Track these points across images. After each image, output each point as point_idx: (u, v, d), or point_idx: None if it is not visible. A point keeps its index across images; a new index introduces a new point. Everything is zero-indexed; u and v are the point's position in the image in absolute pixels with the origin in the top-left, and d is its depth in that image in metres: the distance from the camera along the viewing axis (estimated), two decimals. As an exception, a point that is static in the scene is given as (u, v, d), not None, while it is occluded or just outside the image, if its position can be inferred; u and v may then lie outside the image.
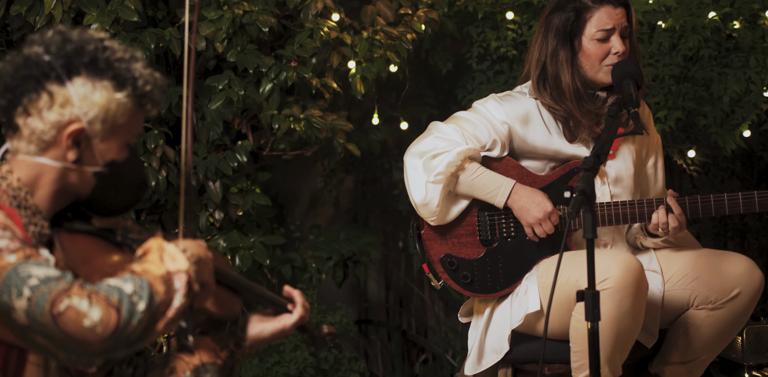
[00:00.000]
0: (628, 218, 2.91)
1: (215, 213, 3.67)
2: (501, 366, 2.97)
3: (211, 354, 2.06)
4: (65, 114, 1.85)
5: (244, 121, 3.70)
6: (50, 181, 1.89)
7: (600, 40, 2.89)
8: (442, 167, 2.85)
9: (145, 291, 1.70)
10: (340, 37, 3.67)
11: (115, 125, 1.89)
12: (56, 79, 1.85)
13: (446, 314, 4.43)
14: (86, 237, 1.94)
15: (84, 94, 1.85)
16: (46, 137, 1.86)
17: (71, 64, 1.86)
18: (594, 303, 2.30)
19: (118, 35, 3.40)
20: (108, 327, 1.65)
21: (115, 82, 1.87)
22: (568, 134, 2.95)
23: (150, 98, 1.92)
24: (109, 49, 1.89)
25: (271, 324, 2.12)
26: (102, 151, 1.90)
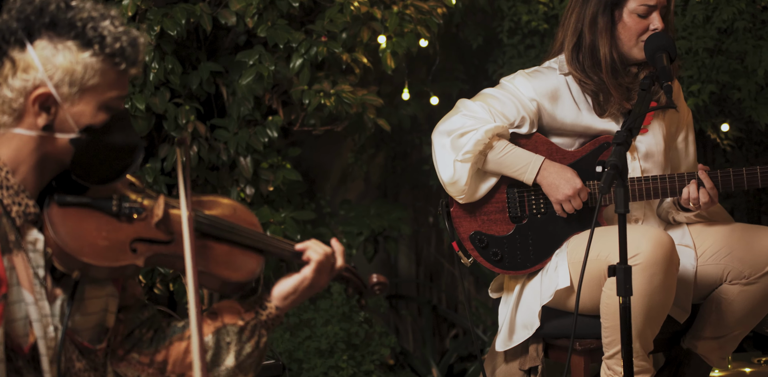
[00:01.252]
0: (659, 193, 2.89)
1: (246, 189, 3.69)
2: (532, 341, 2.97)
3: (233, 316, 2.01)
4: (29, 79, 1.78)
5: (275, 97, 3.70)
6: (29, 152, 1.82)
7: (640, 16, 2.86)
8: (470, 145, 2.83)
9: None
10: (370, 12, 3.65)
11: (85, 87, 1.80)
12: (17, 43, 1.79)
13: (477, 289, 4.44)
14: (80, 209, 1.87)
15: (46, 57, 1.78)
16: (15, 105, 1.80)
17: (31, 26, 1.79)
18: (626, 277, 2.29)
19: (150, 10, 3.40)
20: None
21: (79, 42, 1.79)
22: (597, 108, 2.93)
23: (122, 56, 1.81)
24: (73, 9, 1.80)
25: (292, 277, 2.03)
26: (74, 115, 1.82)
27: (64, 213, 1.86)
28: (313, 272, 2.02)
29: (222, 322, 2.00)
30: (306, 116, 3.73)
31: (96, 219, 1.88)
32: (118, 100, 1.86)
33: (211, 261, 1.97)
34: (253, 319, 2.01)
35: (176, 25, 3.38)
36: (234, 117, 3.62)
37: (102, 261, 1.83)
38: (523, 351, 3.00)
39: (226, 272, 1.96)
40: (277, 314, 2.03)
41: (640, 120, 2.48)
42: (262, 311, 2.02)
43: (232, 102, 3.64)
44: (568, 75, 2.95)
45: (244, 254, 2.01)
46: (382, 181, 4.45)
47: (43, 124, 1.81)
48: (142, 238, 1.90)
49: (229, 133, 3.61)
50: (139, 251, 1.88)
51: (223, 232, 2.00)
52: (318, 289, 2.06)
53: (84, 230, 1.85)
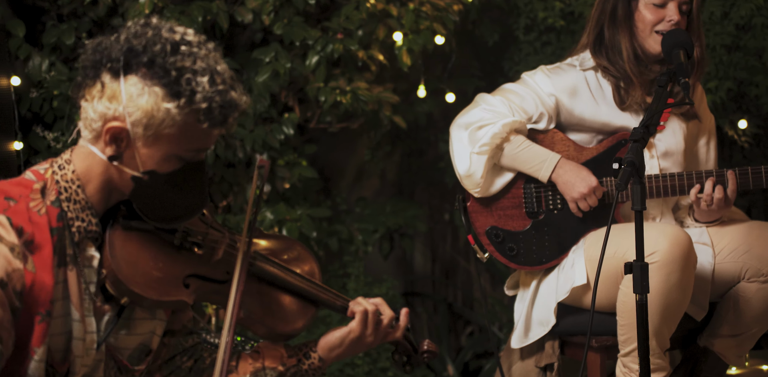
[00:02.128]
0: (677, 190, 2.88)
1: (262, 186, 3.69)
2: (548, 338, 2.97)
3: (276, 360, 1.99)
4: (111, 108, 1.77)
5: (291, 94, 3.71)
6: (98, 173, 1.83)
7: (656, 6, 2.86)
8: (487, 138, 2.84)
9: None
10: (386, 9, 3.65)
11: (160, 134, 1.77)
12: (111, 70, 1.77)
13: (492, 286, 4.43)
14: (142, 236, 1.86)
15: (131, 94, 1.76)
16: (94, 125, 1.80)
17: (132, 59, 1.76)
18: (642, 275, 2.28)
19: (166, 8, 3.41)
20: None
21: (167, 90, 1.75)
22: (617, 98, 2.92)
23: (207, 116, 1.76)
24: (177, 54, 1.76)
25: (340, 329, 2.03)
26: (143, 156, 1.79)
27: (126, 237, 1.85)
28: (359, 325, 2.02)
29: (262, 364, 1.99)
30: (322, 113, 3.74)
31: (155, 249, 1.86)
32: (195, 152, 1.82)
33: (263, 308, 1.95)
34: (294, 367, 2.00)
35: (193, 22, 3.39)
36: (250, 114, 3.63)
37: (151, 293, 1.82)
38: (539, 349, 3.00)
39: (275, 322, 1.96)
40: (320, 366, 2.02)
41: (657, 117, 2.47)
42: (305, 360, 2.01)
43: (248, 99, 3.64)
44: (588, 71, 2.95)
45: (297, 304, 2.00)
46: (397, 178, 4.45)
47: (110, 154, 1.80)
48: (198, 275, 1.88)
49: (245, 130, 3.62)
50: (191, 287, 1.87)
51: (281, 279, 1.98)
52: (366, 346, 2.04)
53: (141, 258, 1.84)
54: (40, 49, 3.46)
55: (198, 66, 1.76)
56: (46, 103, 3.42)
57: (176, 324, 2.02)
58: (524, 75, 2.98)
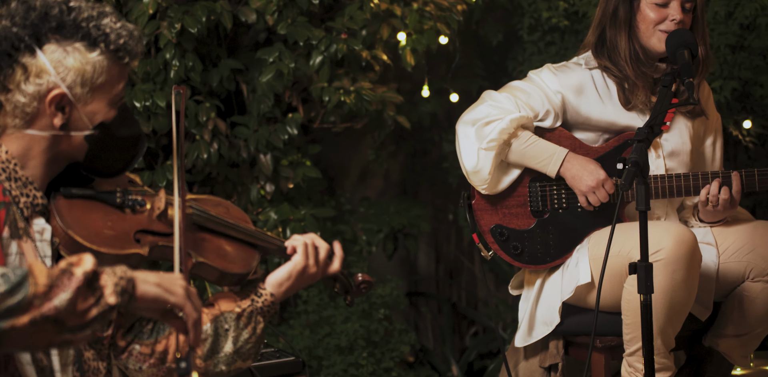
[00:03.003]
0: (683, 191, 2.87)
1: (266, 186, 3.70)
2: (552, 338, 2.97)
3: (230, 304, 2.07)
4: (42, 83, 1.83)
5: (295, 94, 3.71)
6: (41, 151, 1.88)
7: (658, 5, 2.85)
8: (495, 134, 2.84)
9: (17, 278, 1.54)
10: (390, 9, 3.65)
11: (96, 85, 1.87)
12: (26, 49, 1.83)
13: (496, 286, 4.43)
14: (85, 201, 1.94)
15: (57, 60, 1.83)
16: (28, 109, 1.85)
17: (38, 32, 1.83)
18: (647, 275, 2.28)
19: (170, 8, 3.41)
20: None
21: (86, 42, 1.84)
22: (622, 98, 2.92)
23: (126, 50, 1.88)
24: (74, 10, 1.86)
25: (285, 264, 2.11)
26: (89, 113, 1.88)
27: (70, 204, 1.92)
28: (302, 257, 2.11)
29: (219, 310, 2.06)
30: (326, 113, 3.74)
31: (101, 211, 1.95)
32: (122, 92, 1.92)
33: (210, 253, 2.04)
34: (249, 306, 2.08)
35: (197, 22, 3.39)
36: (254, 114, 3.63)
37: (109, 248, 1.89)
38: (543, 348, 3.00)
39: (223, 263, 2.03)
40: (273, 301, 2.09)
41: (661, 117, 2.47)
42: (258, 298, 2.09)
43: (252, 99, 3.64)
44: (594, 69, 2.95)
45: (240, 248, 2.09)
46: (401, 178, 4.45)
47: (60, 123, 1.86)
48: (145, 230, 1.97)
49: (249, 130, 3.62)
50: (142, 241, 1.95)
51: (219, 226, 2.07)
52: (311, 279, 2.14)
53: (90, 220, 1.92)
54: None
55: (94, 12, 1.87)
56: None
57: None
58: (531, 73, 2.99)
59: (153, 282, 1.68)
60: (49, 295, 1.55)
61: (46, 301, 1.54)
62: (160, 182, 3.46)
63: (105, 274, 1.63)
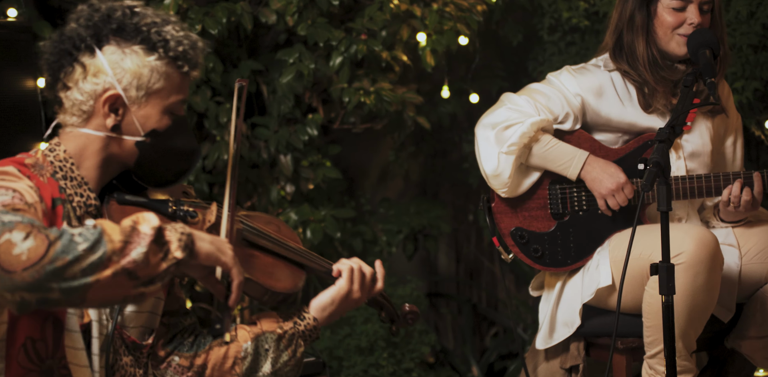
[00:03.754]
0: (704, 192, 2.86)
1: (286, 187, 3.70)
2: (573, 340, 2.96)
3: (272, 324, 2.07)
4: (99, 83, 1.87)
5: (315, 95, 3.72)
6: (95, 151, 1.91)
7: (675, 9, 2.84)
8: (516, 138, 2.83)
9: (93, 236, 1.61)
10: (409, 10, 3.65)
11: (151, 90, 1.89)
12: (87, 49, 1.88)
13: (517, 287, 4.42)
14: (137, 208, 1.95)
15: (115, 61, 1.87)
16: (85, 107, 1.89)
17: (99, 33, 1.88)
18: (668, 276, 2.27)
19: (191, 9, 3.43)
20: (33, 256, 1.57)
21: (144, 46, 1.88)
22: (642, 101, 2.91)
23: (185, 59, 1.91)
24: (137, 15, 1.90)
25: (329, 289, 2.11)
26: (141, 118, 1.91)
27: (122, 210, 1.93)
28: (347, 281, 2.10)
29: (261, 329, 2.06)
30: (346, 114, 3.74)
31: None
32: (180, 104, 1.94)
33: (257, 270, 2.02)
34: (291, 329, 2.08)
35: (217, 23, 3.40)
36: (274, 115, 3.64)
37: None
38: (564, 350, 2.99)
39: (269, 281, 2.02)
40: (315, 325, 2.09)
41: (682, 117, 2.46)
42: (300, 321, 2.09)
43: (272, 100, 3.65)
44: (613, 71, 2.94)
45: (288, 267, 2.08)
46: (421, 178, 4.45)
47: (112, 124, 1.90)
48: None
49: (269, 131, 3.63)
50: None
51: (268, 243, 2.06)
52: (355, 303, 2.13)
53: None
54: (66, 51, 3.48)
55: (158, 19, 1.91)
56: (72, 104, 3.45)
57: (173, 305, 2.09)
58: (549, 75, 2.98)
59: (208, 240, 1.75)
60: (126, 250, 1.62)
61: (123, 256, 1.62)
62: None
63: (168, 230, 1.69)
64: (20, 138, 3.14)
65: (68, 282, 1.59)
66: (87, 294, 1.60)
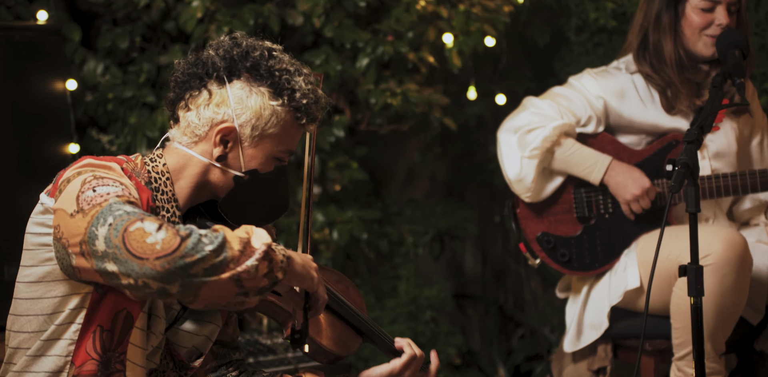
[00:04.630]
0: (730, 190, 2.84)
1: (313, 188, 3.71)
2: (601, 342, 2.95)
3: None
4: (220, 112, 1.91)
5: (341, 96, 3.72)
6: (194, 173, 1.94)
7: (704, 10, 2.83)
8: (538, 142, 2.82)
9: (218, 240, 1.68)
10: (436, 11, 3.65)
11: (265, 133, 1.92)
12: (217, 79, 1.91)
13: (544, 288, 4.41)
14: None
15: (240, 97, 1.91)
16: (198, 131, 1.92)
17: (234, 66, 1.92)
18: (697, 278, 2.26)
19: (218, 11, 3.44)
20: (167, 247, 1.64)
21: (272, 90, 1.91)
22: (665, 104, 2.90)
23: (305, 112, 1.94)
24: (274, 59, 1.93)
25: (382, 365, 2.12)
26: (247, 156, 1.93)
27: None
28: (403, 365, 2.11)
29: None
30: (372, 115, 3.75)
31: None
32: (287, 153, 1.97)
33: (315, 326, 2.02)
34: None
35: (244, 25, 3.42)
36: (301, 116, 3.65)
37: None
38: (591, 352, 2.98)
39: (325, 340, 2.03)
40: None
41: (711, 117, 2.45)
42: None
43: (299, 102, 3.66)
44: (635, 73, 2.93)
45: (347, 331, 2.08)
46: (448, 180, 4.45)
47: (218, 155, 1.93)
48: None
49: (296, 132, 3.64)
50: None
51: (335, 304, 2.05)
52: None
53: None
54: (95, 53, 3.51)
55: (291, 68, 1.94)
56: (101, 106, 3.48)
57: (226, 336, 2.11)
58: (571, 79, 2.97)
59: (300, 264, 1.82)
60: (240, 260, 1.69)
61: (238, 265, 1.69)
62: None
63: (272, 252, 1.75)
64: (49, 139, 3.17)
65: (191, 278, 1.65)
66: (200, 292, 1.67)
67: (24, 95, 3.09)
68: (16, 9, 3.37)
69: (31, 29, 3.13)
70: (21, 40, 3.05)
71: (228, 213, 1.98)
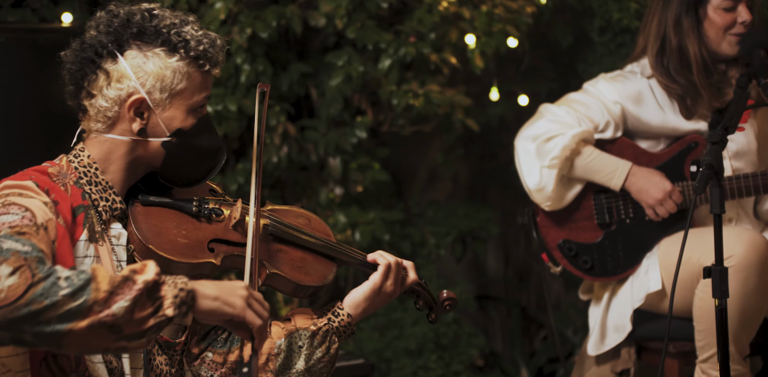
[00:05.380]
0: (752, 190, 2.82)
1: (335, 189, 3.72)
2: (624, 344, 2.94)
3: (306, 321, 2.06)
4: (123, 88, 1.88)
5: (364, 97, 3.73)
6: (120, 155, 1.92)
7: (726, 10, 2.81)
8: (557, 151, 2.81)
9: (80, 282, 1.57)
10: (458, 12, 3.65)
11: (174, 91, 1.89)
12: (109, 55, 1.88)
13: (566, 290, 4.39)
14: (162, 209, 1.95)
15: (137, 65, 1.87)
16: (110, 113, 1.89)
17: (120, 38, 1.88)
18: (722, 280, 2.25)
19: (241, 13, 3.46)
20: (11, 295, 1.54)
21: (165, 48, 1.88)
22: (684, 111, 2.88)
23: (206, 57, 1.91)
24: (156, 17, 1.90)
25: (363, 285, 2.09)
26: (166, 119, 1.91)
27: (147, 211, 1.94)
28: (381, 277, 2.08)
29: (295, 326, 2.06)
30: (394, 117, 3.75)
31: (177, 219, 1.96)
32: (203, 101, 1.94)
33: (285, 265, 2.02)
34: (325, 325, 2.06)
35: (267, 27, 3.42)
36: (323, 118, 3.65)
37: (181, 257, 1.90)
38: (615, 354, 2.97)
39: (299, 276, 2.02)
40: (349, 321, 2.07)
41: (736, 118, 2.43)
42: (335, 318, 2.07)
43: (321, 103, 3.67)
44: (651, 78, 2.91)
45: (317, 260, 2.07)
46: (470, 181, 4.44)
47: (138, 128, 1.90)
48: (220, 239, 1.97)
49: (318, 133, 3.64)
50: (216, 250, 1.95)
51: (297, 238, 2.06)
52: (389, 298, 2.11)
53: (165, 228, 1.93)
54: (119, 55, 3.53)
55: (176, 20, 1.91)
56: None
57: None
58: (586, 84, 2.95)
59: (212, 296, 1.68)
60: (109, 302, 1.58)
61: (105, 308, 1.57)
62: (231, 186, 3.51)
63: (166, 285, 1.64)
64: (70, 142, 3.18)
65: (41, 326, 1.55)
66: (62, 341, 1.57)
67: (48, 97, 3.10)
68: (41, 11, 3.40)
69: (56, 31, 3.15)
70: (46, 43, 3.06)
71: (171, 179, 1.96)
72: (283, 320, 2.08)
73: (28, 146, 3.06)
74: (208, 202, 1.99)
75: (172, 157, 1.93)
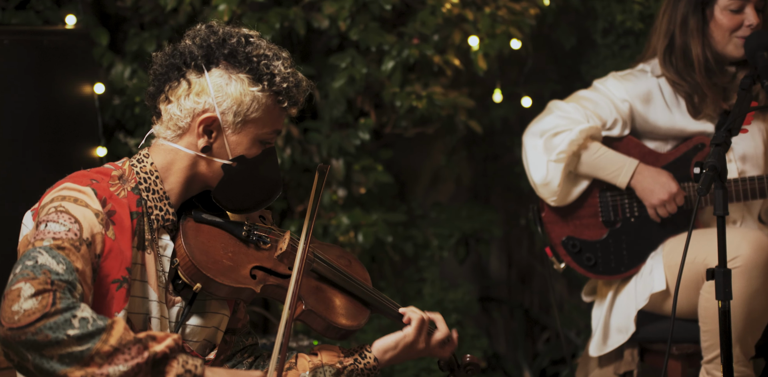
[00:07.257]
0: (757, 193, 2.82)
1: (338, 191, 3.72)
2: (627, 346, 2.93)
3: (333, 358, 2.06)
4: (200, 102, 1.90)
5: (367, 99, 3.73)
6: (182, 167, 1.94)
7: (733, 11, 2.81)
8: (564, 145, 2.81)
9: (93, 329, 1.59)
10: (462, 14, 3.65)
11: (248, 118, 1.92)
12: (195, 68, 1.91)
13: (569, 291, 4.39)
14: (212, 228, 1.97)
15: (219, 85, 1.90)
16: (181, 123, 1.92)
17: (211, 55, 1.91)
18: (725, 281, 2.25)
19: (245, 15, 3.46)
20: (24, 320, 1.56)
21: (251, 76, 1.91)
22: (691, 110, 2.88)
23: (287, 95, 1.93)
24: (251, 44, 1.93)
25: (395, 333, 2.10)
26: (232, 143, 1.93)
27: (197, 228, 1.95)
28: (415, 331, 2.08)
29: (321, 361, 2.06)
30: (398, 118, 3.75)
31: (225, 240, 1.97)
32: (273, 135, 1.97)
33: (321, 303, 2.03)
34: (351, 365, 2.07)
35: (271, 29, 3.43)
36: (326, 120, 3.66)
37: (223, 279, 1.91)
38: (618, 356, 2.97)
39: (334, 316, 2.03)
40: (375, 366, 2.08)
41: (740, 120, 2.43)
42: (361, 359, 2.08)
43: (324, 105, 3.67)
44: (660, 77, 2.91)
45: (353, 304, 2.08)
46: (473, 183, 4.44)
47: (203, 145, 1.93)
48: (263, 267, 1.98)
49: (321, 135, 3.65)
50: (258, 278, 1.96)
51: (337, 278, 2.07)
52: (417, 353, 2.11)
53: (212, 247, 1.94)
54: (123, 57, 3.53)
55: (269, 52, 1.93)
56: (128, 109, 3.50)
57: (237, 324, 2.10)
58: (596, 82, 2.96)
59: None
60: (111, 359, 1.59)
61: (105, 363, 1.58)
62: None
63: (175, 361, 1.65)
64: (77, 143, 3.19)
65: (43, 360, 1.56)
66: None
67: (52, 99, 3.11)
68: (45, 13, 3.40)
69: (60, 33, 3.16)
70: (49, 45, 3.08)
71: (222, 201, 1.98)
72: (310, 353, 2.09)
73: (32, 147, 3.07)
74: (258, 229, 2.01)
75: (229, 180, 1.95)
